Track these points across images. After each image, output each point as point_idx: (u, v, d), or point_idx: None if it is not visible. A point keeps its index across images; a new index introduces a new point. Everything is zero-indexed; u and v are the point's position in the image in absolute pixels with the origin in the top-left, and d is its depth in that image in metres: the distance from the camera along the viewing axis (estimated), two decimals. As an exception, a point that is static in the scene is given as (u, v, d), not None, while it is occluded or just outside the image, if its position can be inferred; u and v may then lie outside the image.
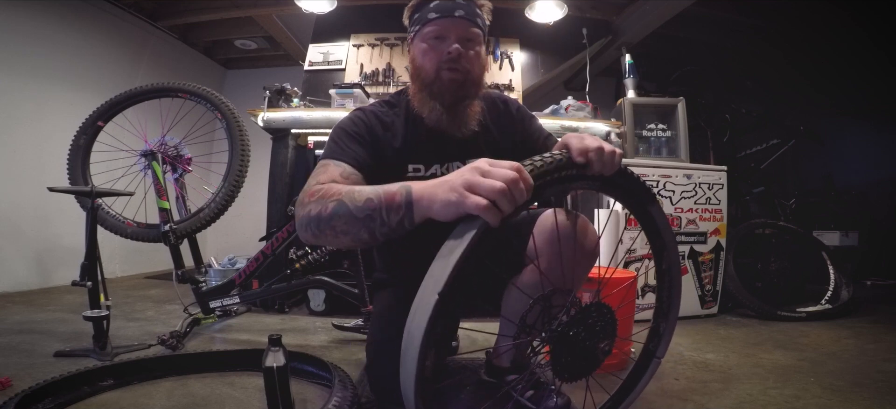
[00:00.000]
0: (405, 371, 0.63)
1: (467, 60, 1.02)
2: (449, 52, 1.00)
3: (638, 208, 0.85)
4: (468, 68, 1.02)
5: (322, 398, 1.17)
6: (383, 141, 1.05)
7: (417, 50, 1.05)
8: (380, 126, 1.06)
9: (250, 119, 2.42)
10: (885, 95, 3.45)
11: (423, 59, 1.03)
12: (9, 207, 2.73)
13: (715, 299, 2.36)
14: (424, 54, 1.03)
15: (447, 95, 1.02)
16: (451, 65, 1.00)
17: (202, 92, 1.91)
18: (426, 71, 1.03)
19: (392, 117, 1.09)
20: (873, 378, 1.38)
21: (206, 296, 1.83)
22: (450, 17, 1.01)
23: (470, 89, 1.04)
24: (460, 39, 1.01)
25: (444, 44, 1.01)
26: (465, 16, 1.02)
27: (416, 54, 1.06)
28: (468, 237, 0.61)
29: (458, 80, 1.02)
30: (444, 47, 1.01)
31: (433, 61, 1.02)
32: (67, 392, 1.12)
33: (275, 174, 2.48)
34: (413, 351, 0.60)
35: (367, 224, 0.72)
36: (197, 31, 4.00)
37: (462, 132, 1.06)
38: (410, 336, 0.62)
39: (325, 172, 0.91)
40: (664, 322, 0.90)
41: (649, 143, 2.74)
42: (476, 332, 1.75)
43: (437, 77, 1.02)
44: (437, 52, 1.02)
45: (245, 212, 2.45)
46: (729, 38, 3.59)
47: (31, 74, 2.85)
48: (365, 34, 3.23)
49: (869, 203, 3.49)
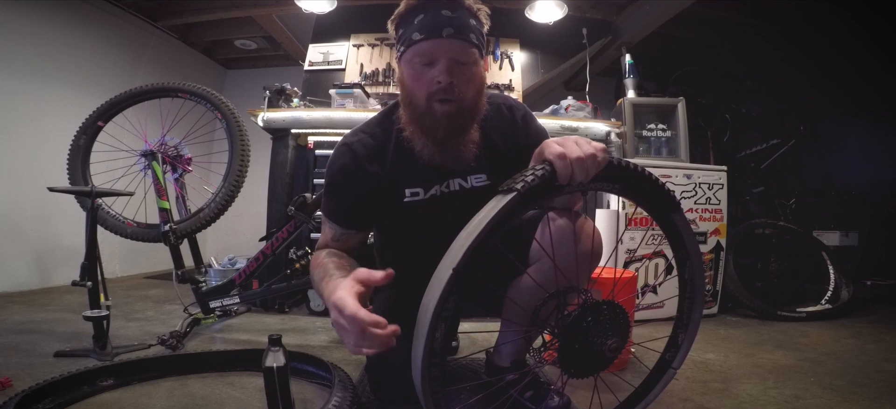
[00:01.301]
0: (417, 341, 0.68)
1: (461, 87, 0.90)
2: (438, 82, 0.89)
3: (659, 214, 0.83)
4: (462, 96, 0.91)
5: (322, 398, 1.17)
6: (372, 175, 0.99)
7: (405, 74, 0.94)
8: (367, 160, 0.99)
9: (250, 119, 2.42)
10: (885, 95, 3.45)
11: (412, 85, 0.93)
12: (9, 207, 2.73)
13: (715, 299, 2.36)
14: (412, 81, 0.92)
15: (440, 130, 0.93)
16: (442, 96, 0.89)
17: (202, 92, 1.91)
18: (416, 100, 0.93)
19: (382, 141, 1.02)
20: (873, 378, 1.38)
21: (206, 296, 1.83)
22: (437, 39, 0.88)
23: (465, 121, 0.95)
24: (451, 63, 0.89)
25: (432, 70, 0.89)
26: (456, 34, 0.88)
27: (404, 77, 0.95)
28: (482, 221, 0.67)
29: (451, 112, 0.91)
30: (433, 74, 0.89)
31: (422, 90, 0.91)
32: (67, 392, 1.12)
33: (275, 174, 2.48)
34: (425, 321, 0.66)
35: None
36: (197, 31, 4.00)
37: (458, 165, 1.00)
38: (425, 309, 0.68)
39: (323, 233, 1.04)
40: (683, 333, 0.87)
41: (649, 143, 2.74)
42: (476, 333, 1.75)
43: (429, 109, 0.91)
44: (425, 79, 0.90)
45: (245, 212, 2.46)
46: (729, 38, 3.59)
47: (31, 74, 2.85)
48: (365, 34, 3.23)
49: (869, 203, 3.49)
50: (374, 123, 1.05)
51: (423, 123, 0.94)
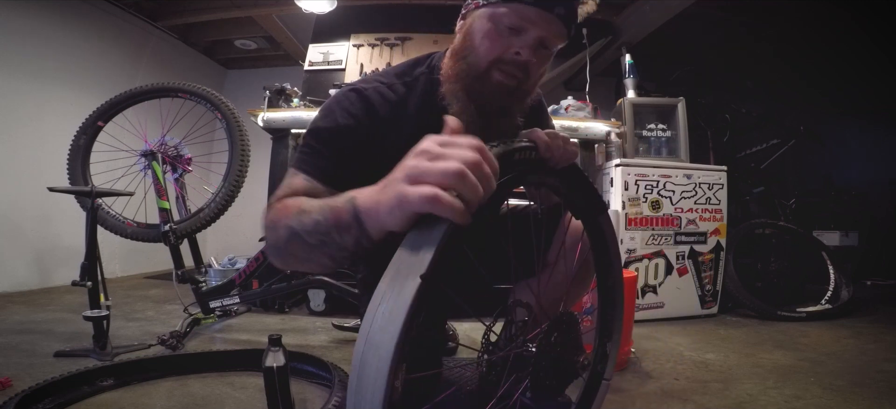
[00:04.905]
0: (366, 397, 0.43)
1: (532, 68, 0.78)
2: (518, 54, 0.76)
3: (588, 215, 0.78)
4: (525, 77, 0.79)
5: (322, 398, 1.17)
6: (386, 121, 0.81)
7: (478, 26, 0.78)
8: (380, 114, 0.81)
9: (250, 119, 2.42)
10: (885, 95, 3.45)
11: (482, 42, 0.77)
12: (9, 207, 2.73)
13: (715, 299, 2.36)
14: (486, 37, 0.77)
15: (489, 102, 0.79)
16: (511, 68, 0.77)
17: (202, 92, 1.91)
18: (476, 58, 0.78)
19: (402, 95, 0.85)
20: (873, 378, 1.38)
21: (206, 296, 1.83)
22: (546, 11, 0.74)
23: (520, 102, 0.82)
24: (540, 42, 0.77)
25: (518, 39, 0.76)
26: (563, 16, 0.76)
27: (473, 30, 0.79)
28: (426, 253, 0.44)
29: (510, 87, 0.78)
30: (515, 43, 0.76)
31: (493, 52, 0.77)
32: (67, 392, 1.12)
33: (275, 174, 2.48)
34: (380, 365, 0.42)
35: (322, 250, 0.58)
36: (197, 31, 4.00)
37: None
38: (375, 348, 0.43)
39: (289, 185, 0.73)
40: (610, 342, 0.85)
41: (649, 143, 2.74)
42: (476, 333, 1.75)
43: (486, 74, 0.78)
44: (503, 44, 0.76)
45: (245, 212, 2.45)
46: (729, 38, 3.59)
47: (31, 74, 2.85)
48: (365, 34, 3.23)
49: (869, 203, 3.49)
50: (392, 74, 0.87)
51: (472, 86, 0.79)
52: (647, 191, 2.25)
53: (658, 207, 2.27)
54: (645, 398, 1.24)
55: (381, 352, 0.42)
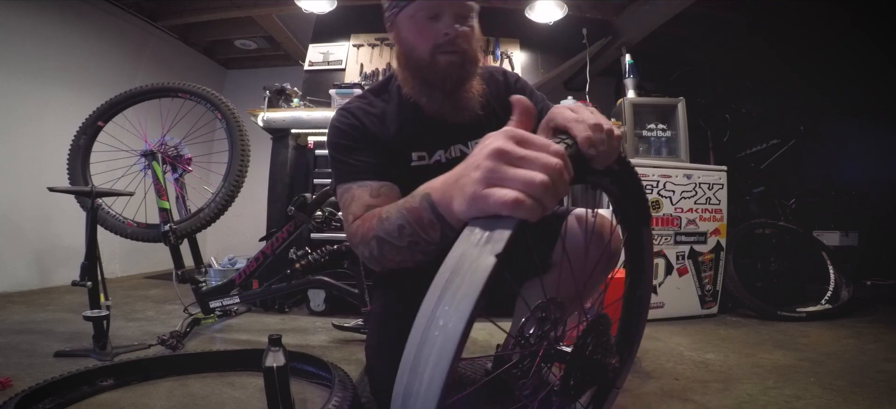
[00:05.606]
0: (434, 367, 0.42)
1: (465, 39, 0.91)
2: (446, 34, 0.88)
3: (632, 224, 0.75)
4: (465, 48, 0.91)
5: (322, 398, 1.17)
6: (379, 135, 0.95)
7: (406, 30, 0.92)
8: (371, 121, 0.95)
9: (250, 119, 2.42)
10: (885, 95, 3.44)
11: (415, 40, 0.91)
12: (9, 207, 2.73)
13: (715, 299, 2.36)
14: (415, 35, 0.91)
15: (446, 82, 0.91)
16: (448, 47, 0.89)
17: (202, 92, 1.91)
18: (418, 54, 0.91)
19: (382, 107, 0.99)
20: (873, 378, 1.38)
21: (206, 296, 1.83)
22: None
23: (468, 69, 0.94)
24: (456, 17, 0.89)
25: (438, 23, 0.89)
26: None
27: (404, 35, 0.93)
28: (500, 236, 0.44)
29: (457, 63, 0.90)
30: (439, 28, 0.89)
31: (427, 43, 0.90)
32: (67, 392, 1.12)
33: (275, 174, 2.48)
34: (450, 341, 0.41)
35: (414, 250, 0.65)
36: (197, 31, 4.00)
37: (464, 117, 0.96)
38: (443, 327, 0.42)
39: (354, 200, 0.84)
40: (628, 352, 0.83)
41: (649, 143, 2.74)
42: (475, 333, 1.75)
43: (433, 62, 0.90)
44: (430, 33, 0.89)
45: (245, 212, 2.46)
46: (729, 38, 3.59)
47: (31, 74, 2.85)
48: (365, 34, 3.23)
49: (869, 203, 3.49)
50: (369, 94, 1.02)
51: (426, 76, 0.92)
52: (647, 191, 2.25)
53: (658, 207, 2.27)
54: (645, 397, 1.24)
55: (448, 327, 0.42)
